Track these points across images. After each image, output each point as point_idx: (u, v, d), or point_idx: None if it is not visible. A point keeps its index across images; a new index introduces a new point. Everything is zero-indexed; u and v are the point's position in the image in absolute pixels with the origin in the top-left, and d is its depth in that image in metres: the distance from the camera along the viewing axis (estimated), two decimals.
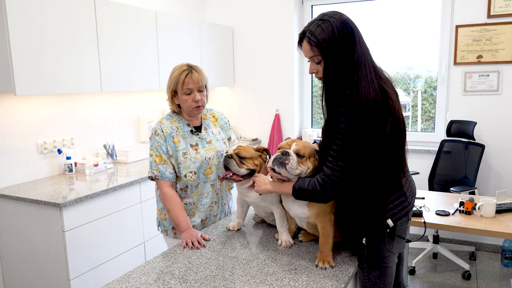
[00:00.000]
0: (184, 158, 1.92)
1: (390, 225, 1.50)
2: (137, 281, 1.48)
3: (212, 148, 2.00)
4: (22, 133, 2.83)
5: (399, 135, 1.50)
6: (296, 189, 1.54)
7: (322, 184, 1.47)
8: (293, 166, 1.55)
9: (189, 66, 1.93)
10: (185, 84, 1.89)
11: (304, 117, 4.62)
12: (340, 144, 1.43)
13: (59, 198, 2.47)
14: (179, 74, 1.90)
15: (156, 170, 1.91)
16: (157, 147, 1.93)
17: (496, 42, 3.56)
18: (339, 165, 1.44)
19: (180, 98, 1.93)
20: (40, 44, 2.53)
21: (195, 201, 1.98)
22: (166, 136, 1.92)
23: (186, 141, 1.95)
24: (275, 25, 4.37)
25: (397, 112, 1.48)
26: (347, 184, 1.47)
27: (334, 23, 1.46)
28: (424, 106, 4.23)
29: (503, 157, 3.66)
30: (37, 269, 2.58)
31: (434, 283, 3.26)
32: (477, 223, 2.42)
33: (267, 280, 1.45)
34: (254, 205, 1.91)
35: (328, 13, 1.51)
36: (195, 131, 2.00)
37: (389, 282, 1.60)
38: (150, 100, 3.89)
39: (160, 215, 2.07)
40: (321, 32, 1.46)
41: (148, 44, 3.38)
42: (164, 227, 2.06)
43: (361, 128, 1.40)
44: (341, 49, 1.45)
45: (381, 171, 1.48)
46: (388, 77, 1.55)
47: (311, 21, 1.53)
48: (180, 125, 1.98)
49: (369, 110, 1.40)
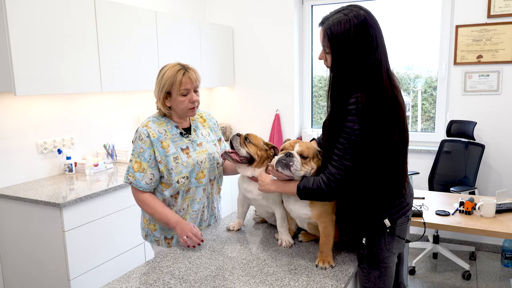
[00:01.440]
0: (175, 163, 1.81)
1: (387, 225, 1.51)
2: (137, 281, 1.48)
3: (203, 150, 1.91)
4: (22, 133, 2.83)
5: (403, 144, 1.50)
6: (300, 189, 1.53)
7: (327, 182, 1.47)
8: (297, 167, 1.54)
9: (182, 65, 1.81)
10: (183, 85, 1.77)
11: (304, 117, 4.62)
12: (346, 143, 1.42)
13: (59, 198, 2.47)
14: (174, 74, 1.77)
15: (132, 177, 1.81)
16: (139, 153, 1.80)
17: (496, 42, 3.56)
18: (344, 164, 1.44)
19: (175, 100, 1.80)
20: (40, 44, 2.53)
21: (185, 207, 1.89)
22: (154, 141, 1.79)
23: (176, 145, 1.84)
24: (275, 25, 4.37)
25: (404, 122, 1.48)
26: (352, 183, 1.47)
27: (354, 21, 1.41)
28: (424, 106, 4.23)
29: (503, 157, 3.66)
30: (37, 269, 2.58)
31: (434, 283, 3.26)
32: (477, 223, 2.42)
33: (267, 280, 1.45)
34: (255, 204, 1.89)
35: (355, 8, 1.45)
36: (184, 133, 1.89)
37: (389, 282, 1.60)
38: (150, 100, 3.85)
39: (148, 225, 1.95)
40: (337, 26, 1.42)
41: (148, 44, 3.38)
42: (155, 237, 1.95)
43: (366, 130, 1.40)
44: (354, 49, 1.42)
45: (383, 176, 1.48)
46: (399, 85, 1.52)
47: (338, 10, 1.47)
48: (168, 127, 1.85)
49: (377, 115, 1.40)
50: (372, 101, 1.40)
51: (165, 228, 1.91)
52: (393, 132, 1.44)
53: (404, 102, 1.51)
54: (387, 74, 1.46)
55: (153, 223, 1.94)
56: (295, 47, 4.36)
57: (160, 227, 1.93)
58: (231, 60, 4.60)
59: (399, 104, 1.46)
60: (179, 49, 3.74)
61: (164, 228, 1.92)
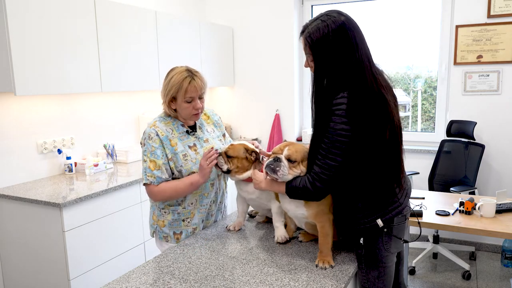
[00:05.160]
0: (184, 160, 1.87)
1: (380, 225, 1.51)
2: (137, 281, 1.48)
3: (210, 147, 1.97)
4: (22, 133, 2.83)
5: (396, 143, 1.50)
6: (288, 187, 1.57)
7: (312, 182, 1.49)
8: (284, 172, 1.57)
9: (189, 71, 1.85)
10: (188, 93, 1.81)
11: (304, 117, 4.63)
12: (328, 142, 1.44)
13: (59, 198, 2.47)
14: (181, 81, 1.81)
15: (151, 176, 1.84)
16: (151, 152, 1.84)
17: (496, 42, 3.56)
18: (328, 164, 1.45)
19: (179, 105, 1.85)
20: (40, 44, 2.53)
21: (194, 202, 1.95)
22: (163, 139, 1.85)
23: (183, 143, 1.90)
24: (275, 25, 4.37)
25: (395, 120, 1.48)
26: (337, 182, 1.48)
27: (331, 25, 1.44)
28: (424, 106, 4.23)
29: (503, 157, 3.66)
30: (37, 269, 2.58)
31: (434, 283, 3.26)
32: (477, 223, 2.42)
33: (267, 280, 1.46)
34: (251, 203, 1.93)
35: (331, 13, 1.48)
36: (190, 131, 1.95)
37: (388, 282, 1.60)
38: (150, 100, 3.89)
39: (157, 222, 1.98)
40: (316, 32, 1.46)
41: (148, 44, 3.38)
42: (164, 234, 1.96)
43: (350, 129, 1.40)
44: (334, 52, 1.44)
45: (374, 175, 1.48)
46: (389, 84, 1.54)
47: (315, 17, 1.51)
48: (174, 126, 1.91)
49: (360, 114, 1.40)
50: (355, 100, 1.40)
51: (173, 223, 1.95)
52: (382, 131, 1.44)
53: (393, 100, 1.51)
54: (372, 74, 1.46)
55: (162, 219, 1.96)
56: (295, 47, 4.36)
57: (169, 223, 1.95)
58: (231, 60, 4.60)
59: (387, 102, 1.45)
60: (179, 49, 3.74)
61: (173, 224, 1.95)
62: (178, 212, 1.93)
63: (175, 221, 1.94)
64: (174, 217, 1.94)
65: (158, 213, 1.98)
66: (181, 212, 1.93)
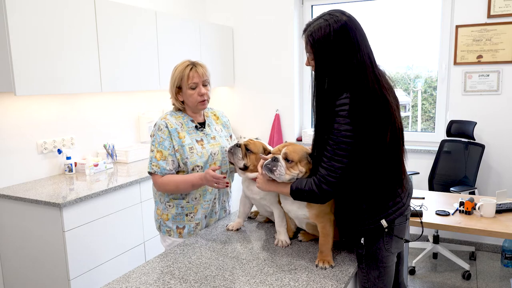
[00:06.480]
0: (190, 153, 1.92)
1: (384, 225, 1.51)
2: (137, 281, 1.48)
3: (216, 143, 2.01)
4: (22, 133, 2.83)
5: (398, 145, 1.50)
6: (293, 189, 1.55)
7: (318, 184, 1.47)
8: (281, 172, 1.56)
9: (191, 62, 1.95)
10: (190, 79, 1.90)
11: (304, 117, 4.62)
12: (333, 144, 1.43)
13: (59, 198, 2.47)
14: (183, 69, 1.91)
15: (156, 166, 1.90)
16: (159, 142, 1.91)
17: (496, 42, 3.56)
18: (334, 166, 1.44)
19: (185, 94, 1.93)
20: (40, 44, 2.53)
21: (197, 197, 1.97)
22: (172, 131, 1.91)
23: (191, 137, 1.95)
24: (275, 25, 4.37)
25: (396, 122, 1.48)
26: (344, 184, 1.47)
27: (333, 25, 1.44)
28: (424, 106, 4.23)
29: (503, 157, 3.66)
30: (37, 269, 2.58)
31: (434, 283, 3.26)
32: (477, 223, 2.42)
33: (267, 280, 1.46)
34: (255, 203, 1.92)
35: (334, 12, 1.48)
36: (199, 126, 2.00)
37: (388, 282, 1.60)
38: (150, 100, 3.89)
39: (161, 216, 2.03)
40: (318, 31, 1.46)
41: (148, 44, 3.38)
42: (167, 228, 2.01)
43: (354, 130, 1.40)
44: (335, 52, 1.44)
45: (378, 176, 1.48)
46: (391, 85, 1.53)
47: (318, 16, 1.50)
48: (184, 121, 1.97)
49: (363, 114, 1.40)
50: (358, 101, 1.40)
51: (177, 217, 1.99)
52: (384, 132, 1.43)
53: (395, 102, 1.50)
54: (374, 74, 1.46)
55: (165, 213, 2.01)
56: (295, 47, 4.36)
57: (172, 217, 1.99)
58: (231, 60, 4.60)
59: (389, 103, 1.45)
60: (179, 49, 3.74)
61: (176, 218, 1.99)
62: (182, 206, 1.97)
63: (178, 215, 1.98)
64: (177, 211, 1.98)
65: (162, 207, 2.02)
66: (184, 207, 1.97)
